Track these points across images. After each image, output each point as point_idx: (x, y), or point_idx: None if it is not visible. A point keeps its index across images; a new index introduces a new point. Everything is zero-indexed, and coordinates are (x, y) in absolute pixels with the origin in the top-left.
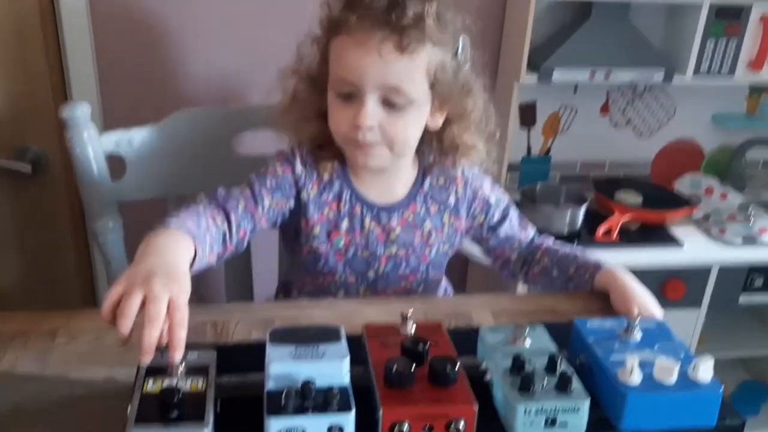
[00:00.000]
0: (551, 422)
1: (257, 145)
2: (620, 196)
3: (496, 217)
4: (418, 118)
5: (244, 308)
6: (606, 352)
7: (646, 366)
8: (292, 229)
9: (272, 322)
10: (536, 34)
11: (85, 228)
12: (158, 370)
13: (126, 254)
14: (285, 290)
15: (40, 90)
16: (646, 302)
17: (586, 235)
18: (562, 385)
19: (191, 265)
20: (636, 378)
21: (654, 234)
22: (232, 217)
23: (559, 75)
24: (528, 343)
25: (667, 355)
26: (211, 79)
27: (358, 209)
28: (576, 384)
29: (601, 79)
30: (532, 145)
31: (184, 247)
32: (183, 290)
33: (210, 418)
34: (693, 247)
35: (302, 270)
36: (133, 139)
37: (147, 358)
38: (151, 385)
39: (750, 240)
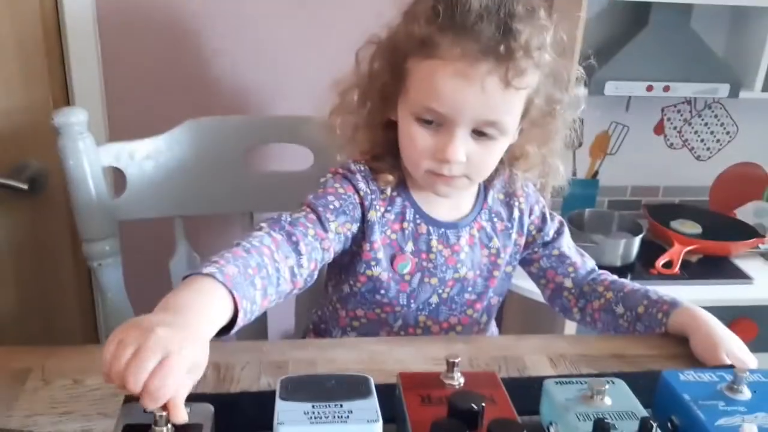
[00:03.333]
0: None
1: (276, 159)
2: (676, 224)
3: (551, 234)
4: (506, 145)
5: (253, 348)
6: (711, 415)
7: None
8: (348, 257)
9: (286, 365)
10: (587, 42)
11: None
12: (138, 429)
13: (125, 283)
14: (318, 330)
15: (41, 102)
16: (735, 349)
17: (641, 267)
18: None
19: (232, 324)
20: None
21: (719, 267)
22: (302, 248)
23: (612, 88)
24: (608, 401)
25: None
26: (224, 88)
27: (423, 229)
28: None
29: (659, 93)
30: (577, 168)
31: (217, 306)
32: (189, 346)
33: None
34: (763, 283)
35: (353, 303)
36: (135, 151)
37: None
38: None
39: None
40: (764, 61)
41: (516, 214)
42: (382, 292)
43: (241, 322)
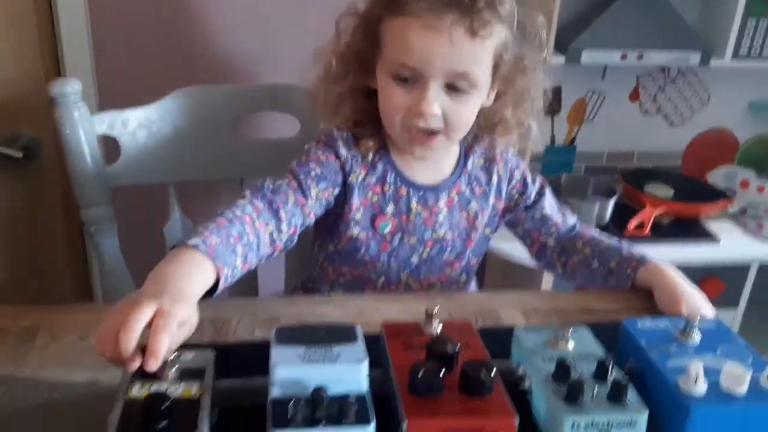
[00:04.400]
0: None
1: (265, 127)
2: (650, 188)
3: (533, 196)
4: (479, 101)
5: (247, 304)
6: (662, 357)
7: (710, 373)
8: (332, 218)
9: (278, 320)
10: (563, 13)
11: (79, 217)
12: (147, 373)
13: (120, 245)
14: (306, 288)
15: (33, 74)
16: (695, 301)
17: (615, 229)
18: (616, 395)
19: (214, 289)
20: (701, 387)
21: (688, 229)
22: (282, 214)
23: (588, 57)
24: (571, 346)
25: (734, 361)
26: (215, 57)
27: (403, 191)
28: (631, 393)
29: (633, 61)
30: (555, 134)
31: (200, 274)
32: (177, 304)
33: (205, 429)
34: (730, 243)
35: (338, 261)
36: (129, 119)
37: (126, 366)
38: (137, 390)
39: None
40: (734, 30)
41: (494, 179)
42: (363, 250)
43: (222, 286)
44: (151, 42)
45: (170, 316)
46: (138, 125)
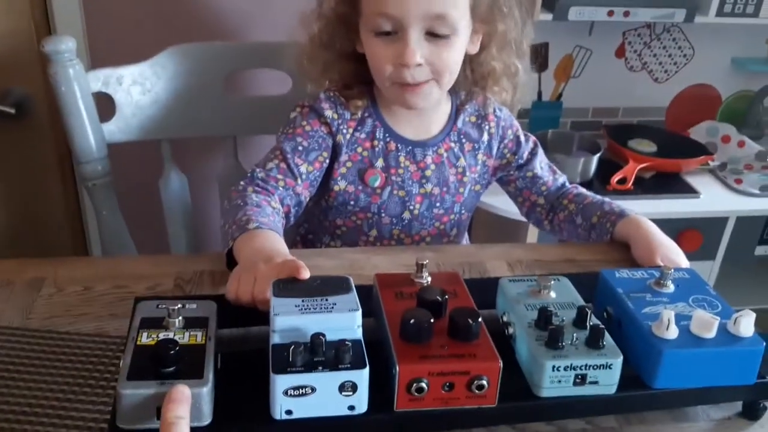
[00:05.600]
0: (580, 380)
1: (256, 84)
2: (634, 143)
3: (525, 156)
4: (462, 45)
5: None
6: (638, 304)
7: (681, 319)
8: (325, 175)
9: None
10: None
11: (74, 172)
12: (153, 321)
13: (117, 200)
14: (306, 240)
15: (23, 30)
16: (670, 252)
17: (599, 184)
18: (593, 341)
19: None
20: (672, 332)
21: (670, 183)
22: (276, 198)
23: (575, 13)
24: (553, 295)
25: (704, 308)
26: (206, 15)
27: (392, 146)
28: (608, 339)
29: (619, 18)
30: (543, 90)
31: (276, 240)
32: (275, 267)
33: (210, 373)
34: (710, 197)
35: (331, 215)
36: (123, 76)
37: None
38: (146, 338)
39: (767, 189)
40: None
41: (485, 137)
42: (352, 203)
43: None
44: (140, 0)
45: (267, 279)
46: (132, 82)
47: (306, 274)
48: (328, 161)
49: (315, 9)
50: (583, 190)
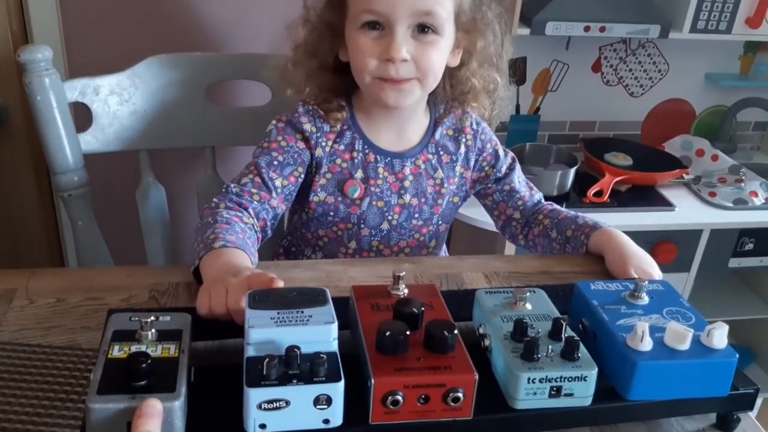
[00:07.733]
0: (556, 391)
1: (235, 95)
2: (610, 157)
3: (503, 170)
4: (446, 49)
5: None
6: (612, 316)
7: (656, 331)
8: (304, 188)
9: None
10: None
11: (50, 183)
12: (126, 334)
13: (94, 211)
14: (288, 252)
15: None
16: (642, 263)
17: (575, 197)
18: (569, 352)
19: None
20: (647, 344)
21: (645, 196)
22: (251, 212)
23: (552, 28)
24: (529, 306)
25: (678, 320)
26: (185, 25)
27: (371, 157)
28: (583, 351)
29: (596, 33)
30: (521, 104)
31: (241, 258)
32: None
33: (182, 387)
34: (684, 210)
35: (313, 226)
36: (100, 86)
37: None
38: (118, 351)
39: (741, 203)
40: (692, 4)
41: (462, 149)
42: (332, 213)
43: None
44: (120, 10)
45: (239, 289)
46: (110, 92)
47: (279, 282)
48: (303, 176)
49: (301, 15)
50: (558, 207)
